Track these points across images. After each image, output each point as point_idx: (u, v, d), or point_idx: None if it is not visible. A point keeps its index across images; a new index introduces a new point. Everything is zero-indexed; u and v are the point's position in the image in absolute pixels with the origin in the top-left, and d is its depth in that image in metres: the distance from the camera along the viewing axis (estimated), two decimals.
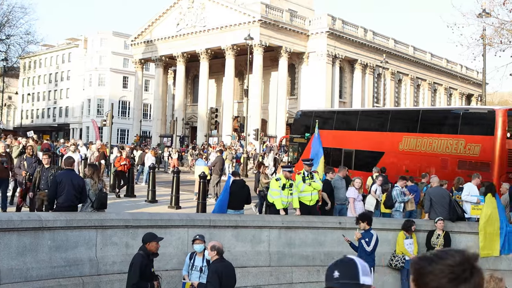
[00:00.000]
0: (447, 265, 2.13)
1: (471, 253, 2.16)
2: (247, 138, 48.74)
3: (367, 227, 12.51)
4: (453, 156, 23.90)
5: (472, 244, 15.89)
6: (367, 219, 12.63)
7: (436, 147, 24.78)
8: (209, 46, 66.99)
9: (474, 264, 2.15)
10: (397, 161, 26.18)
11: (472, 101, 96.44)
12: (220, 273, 9.81)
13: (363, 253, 12.50)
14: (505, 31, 25.49)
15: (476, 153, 23.01)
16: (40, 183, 15.21)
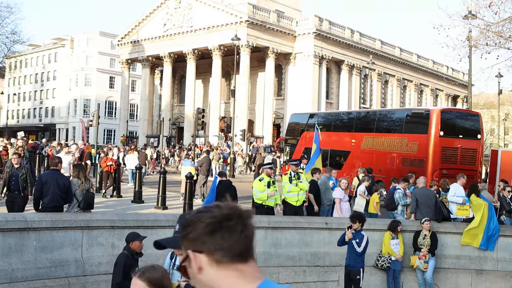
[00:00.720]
0: (211, 216, 1.95)
1: (243, 209, 2.02)
2: (234, 138, 48.71)
3: (359, 227, 12.55)
4: (398, 153, 26.08)
5: (457, 244, 15.99)
6: (359, 219, 12.67)
7: (386, 145, 26.95)
8: (196, 46, 66.92)
9: (241, 216, 1.96)
10: (359, 160, 27.88)
11: (458, 102, 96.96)
12: None
13: (353, 253, 12.53)
14: (491, 33, 25.60)
15: (415, 150, 25.17)
16: (10, 184, 14.91)
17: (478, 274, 15.77)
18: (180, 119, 74.71)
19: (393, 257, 14.54)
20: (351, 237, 12.43)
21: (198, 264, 1.91)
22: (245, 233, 1.95)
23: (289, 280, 14.13)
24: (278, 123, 68.65)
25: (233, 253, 1.92)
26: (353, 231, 12.49)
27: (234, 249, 1.93)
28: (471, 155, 24.91)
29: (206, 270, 1.91)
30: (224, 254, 1.91)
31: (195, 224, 1.95)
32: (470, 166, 24.47)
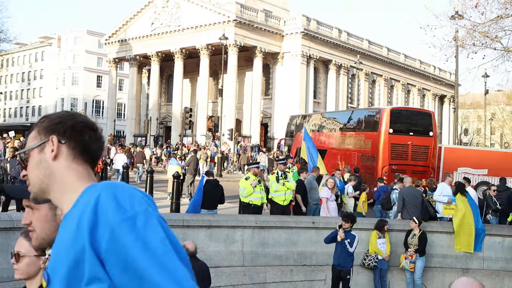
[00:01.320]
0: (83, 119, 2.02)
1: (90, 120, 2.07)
2: (221, 138, 48.68)
3: (350, 227, 12.58)
4: (358, 151, 27.79)
5: (444, 243, 16.06)
6: (350, 219, 12.70)
7: (351, 143, 28.82)
8: (183, 45, 66.80)
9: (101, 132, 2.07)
10: (333, 157, 29.54)
11: (445, 102, 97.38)
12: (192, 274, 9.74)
13: (344, 253, 12.56)
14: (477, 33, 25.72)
15: (369, 147, 26.87)
16: None
17: (464, 272, 15.84)
18: (168, 118, 74.56)
19: (380, 256, 14.57)
20: (343, 237, 12.45)
21: (56, 152, 1.94)
22: (102, 145, 2.06)
23: (276, 279, 14.15)
24: (265, 123, 68.66)
25: (91, 155, 2.00)
26: (342, 230, 12.53)
27: (95, 152, 2.02)
28: (423, 152, 25.81)
29: (60, 159, 1.95)
30: (84, 152, 1.98)
31: (67, 118, 2.00)
32: (422, 162, 25.61)
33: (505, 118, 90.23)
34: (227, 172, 46.08)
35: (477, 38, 25.80)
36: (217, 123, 49.79)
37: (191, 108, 49.58)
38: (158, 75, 72.94)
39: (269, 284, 14.17)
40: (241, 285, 13.77)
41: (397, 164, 25.17)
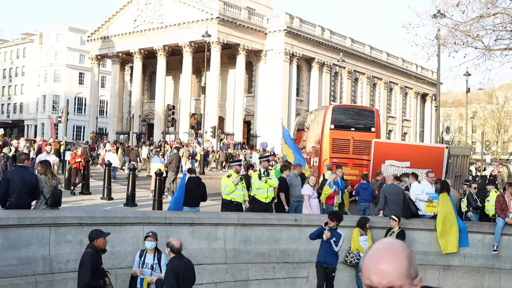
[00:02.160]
0: None
1: None
2: (204, 135, 48.66)
3: (335, 226, 12.61)
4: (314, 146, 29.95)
5: (425, 240, 16.16)
6: (336, 217, 12.74)
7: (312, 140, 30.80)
8: (166, 43, 66.66)
9: None
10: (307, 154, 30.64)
11: (427, 100, 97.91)
12: (177, 271, 9.75)
13: (330, 251, 12.60)
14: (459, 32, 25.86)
15: (318, 142, 28.79)
16: None
17: (445, 269, 15.94)
18: (150, 115, 74.41)
19: (362, 254, 14.62)
20: (329, 236, 12.49)
21: None
22: None
23: (258, 277, 14.17)
24: (248, 120, 68.69)
25: None
26: (327, 227, 12.57)
27: None
28: (365, 146, 26.87)
29: None
30: None
31: None
32: (363, 156, 26.89)
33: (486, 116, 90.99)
34: (209, 169, 46.06)
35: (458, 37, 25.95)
36: (200, 120, 49.76)
37: (174, 105, 49.42)
38: (141, 72, 72.76)
39: (251, 281, 14.19)
40: (223, 282, 13.78)
41: (338, 158, 26.56)
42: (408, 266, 2.49)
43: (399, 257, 2.48)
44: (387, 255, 2.49)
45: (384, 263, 2.47)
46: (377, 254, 2.50)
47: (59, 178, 13.82)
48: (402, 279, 2.45)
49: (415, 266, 2.56)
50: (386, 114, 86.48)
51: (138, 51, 70.26)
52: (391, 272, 2.45)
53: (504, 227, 15.87)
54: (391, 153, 25.06)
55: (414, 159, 24.02)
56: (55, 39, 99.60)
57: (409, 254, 2.52)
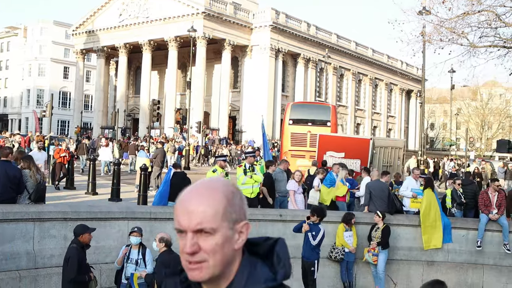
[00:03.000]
0: None
1: None
2: (189, 130, 48.56)
3: (317, 220, 12.63)
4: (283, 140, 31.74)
5: (409, 236, 16.23)
6: (318, 213, 12.75)
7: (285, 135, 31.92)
8: (152, 37, 66.46)
9: None
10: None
11: (411, 96, 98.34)
12: (167, 264, 9.80)
13: (308, 245, 12.62)
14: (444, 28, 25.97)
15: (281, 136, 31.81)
16: None
17: (429, 265, 16.03)
18: (136, 110, 74.16)
19: (347, 249, 14.67)
20: (307, 229, 12.51)
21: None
22: None
23: None
24: (234, 115, 68.66)
25: None
26: (310, 222, 12.58)
27: None
28: None
29: None
30: None
31: None
32: None
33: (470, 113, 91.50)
34: (194, 164, 45.99)
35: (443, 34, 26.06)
36: (185, 115, 49.59)
37: (159, 100, 49.21)
38: (126, 67, 72.50)
39: None
40: None
41: (296, 150, 28.79)
42: (225, 206, 2.01)
43: (215, 195, 2.00)
44: (201, 193, 2.00)
45: (195, 201, 1.99)
46: (191, 192, 2.02)
47: (43, 173, 13.73)
48: (216, 221, 1.98)
49: (239, 208, 2.13)
50: (371, 110, 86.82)
51: (124, 46, 69.98)
52: (202, 212, 1.96)
53: (488, 223, 15.98)
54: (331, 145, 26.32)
55: (348, 150, 25.35)
56: (39, 33, 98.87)
57: (229, 193, 2.06)
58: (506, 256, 16.03)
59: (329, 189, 17.61)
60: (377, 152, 25.75)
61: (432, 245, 15.90)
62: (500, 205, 16.04)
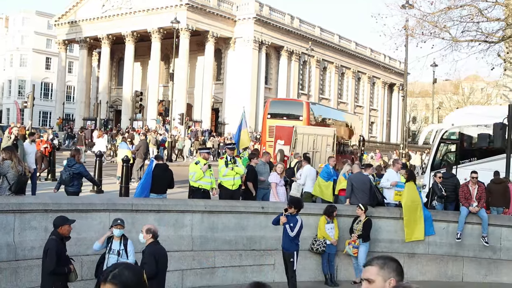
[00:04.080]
0: None
1: None
2: (172, 122, 48.48)
3: (294, 212, 12.66)
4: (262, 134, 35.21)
5: (390, 228, 16.33)
6: (295, 204, 12.77)
7: None
8: (135, 28, 66.14)
9: None
10: None
11: (394, 90, 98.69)
12: (156, 256, 9.88)
13: (287, 237, 12.66)
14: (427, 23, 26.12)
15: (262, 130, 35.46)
16: None
17: (410, 257, 16.13)
18: (118, 102, 73.86)
19: (328, 241, 14.73)
20: (285, 221, 12.55)
21: None
22: None
23: (225, 264, 14.20)
24: (217, 108, 68.63)
25: None
26: (288, 214, 12.62)
27: None
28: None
29: None
30: None
31: None
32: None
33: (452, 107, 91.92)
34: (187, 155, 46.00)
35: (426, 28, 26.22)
36: (168, 107, 49.50)
37: (142, 92, 49.18)
38: (109, 58, 72.16)
39: (218, 269, 14.22)
40: (190, 269, 13.78)
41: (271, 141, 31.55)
42: None
43: None
44: None
45: None
46: None
47: (25, 164, 13.65)
48: None
49: None
50: (354, 103, 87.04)
51: (106, 37, 69.61)
52: None
53: (468, 216, 16.12)
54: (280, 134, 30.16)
55: (286, 137, 28.91)
56: (21, 23, 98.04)
57: None
58: (486, 249, 16.19)
59: (327, 182, 17.65)
60: (299, 139, 28.12)
61: (414, 237, 16.01)
62: (480, 198, 16.19)
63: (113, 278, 3.27)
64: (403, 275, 3.52)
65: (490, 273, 16.15)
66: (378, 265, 3.51)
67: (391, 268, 3.49)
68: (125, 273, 3.31)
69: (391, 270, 3.47)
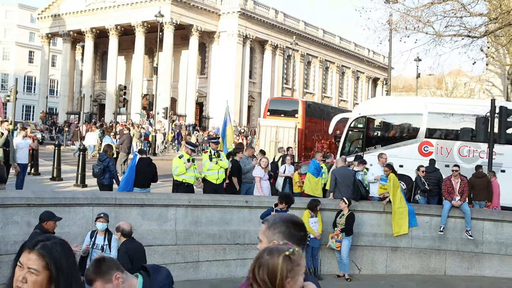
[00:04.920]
0: None
1: None
2: (156, 116, 48.35)
3: (285, 207, 12.68)
4: None
5: (374, 222, 16.42)
6: (285, 200, 12.80)
7: None
8: (118, 22, 65.82)
9: None
10: None
11: (378, 84, 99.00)
12: (131, 254, 9.68)
13: None
14: (410, 17, 26.23)
15: None
16: None
17: (393, 251, 16.24)
18: (102, 96, 73.50)
19: (312, 235, 14.77)
20: None
21: None
22: None
23: (209, 258, 14.20)
24: (201, 102, 68.50)
25: None
26: (278, 209, 12.64)
27: None
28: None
29: None
30: None
31: None
32: None
33: None
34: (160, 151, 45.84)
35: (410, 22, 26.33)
36: (152, 101, 49.40)
37: (126, 86, 48.87)
38: (93, 52, 71.79)
39: (202, 263, 14.22)
40: (174, 263, 13.77)
41: None
42: None
43: None
44: None
45: None
46: None
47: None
48: None
49: None
50: (338, 97, 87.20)
51: (90, 30, 69.22)
52: None
53: (451, 210, 16.23)
54: None
55: None
56: (4, 16, 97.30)
57: None
58: (468, 242, 16.31)
59: (316, 178, 17.65)
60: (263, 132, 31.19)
61: (402, 232, 16.13)
62: (463, 192, 16.30)
63: (42, 248, 2.99)
64: (296, 238, 3.28)
65: (472, 266, 16.29)
66: (266, 225, 3.39)
67: (277, 230, 3.32)
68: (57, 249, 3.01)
69: (277, 232, 3.30)
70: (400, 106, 23.80)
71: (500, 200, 18.33)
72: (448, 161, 20.50)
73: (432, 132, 21.87)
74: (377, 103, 27.83)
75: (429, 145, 21.37)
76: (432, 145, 21.38)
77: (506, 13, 25.49)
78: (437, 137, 21.73)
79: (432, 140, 21.49)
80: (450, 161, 20.27)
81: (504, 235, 16.52)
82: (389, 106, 24.11)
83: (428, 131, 21.67)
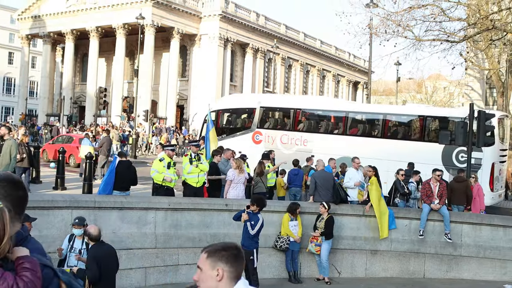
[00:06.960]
0: None
1: None
2: (136, 119, 48.22)
3: (257, 210, 12.67)
4: None
5: (353, 226, 16.48)
6: (257, 203, 12.77)
7: None
8: (99, 24, 65.49)
9: None
10: None
11: (358, 88, 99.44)
12: (98, 258, 9.41)
13: (246, 235, 12.66)
14: (390, 22, 26.42)
15: None
16: None
17: (373, 254, 16.31)
18: (82, 98, 73.07)
19: (292, 239, 14.80)
20: (246, 218, 12.54)
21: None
22: None
23: (188, 262, 14.17)
24: (182, 104, 68.36)
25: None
26: (250, 211, 12.63)
27: None
28: None
29: None
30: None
31: None
32: None
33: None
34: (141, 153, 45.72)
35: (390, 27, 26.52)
36: (132, 104, 49.30)
37: (106, 88, 48.77)
38: (73, 54, 71.37)
39: (182, 266, 14.19)
40: (153, 267, 13.73)
41: None
42: None
43: None
44: None
45: None
46: None
47: None
48: None
49: None
50: None
51: (70, 32, 68.84)
52: None
53: (429, 213, 16.33)
54: None
55: None
56: None
57: None
58: (447, 245, 16.43)
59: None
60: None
61: (385, 234, 16.21)
62: (442, 195, 16.40)
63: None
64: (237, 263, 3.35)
65: (451, 269, 16.40)
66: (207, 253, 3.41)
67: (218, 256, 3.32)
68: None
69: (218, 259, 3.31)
70: (241, 102, 29.76)
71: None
72: (273, 147, 24.16)
73: (263, 123, 26.59)
74: (226, 100, 34.18)
75: (260, 134, 26.14)
76: (262, 134, 26.07)
77: (484, 18, 25.75)
78: (266, 128, 26.40)
79: (262, 130, 26.24)
80: (274, 148, 24.05)
81: (482, 238, 16.65)
82: (234, 102, 29.94)
83: (260, 122, 26.46)
